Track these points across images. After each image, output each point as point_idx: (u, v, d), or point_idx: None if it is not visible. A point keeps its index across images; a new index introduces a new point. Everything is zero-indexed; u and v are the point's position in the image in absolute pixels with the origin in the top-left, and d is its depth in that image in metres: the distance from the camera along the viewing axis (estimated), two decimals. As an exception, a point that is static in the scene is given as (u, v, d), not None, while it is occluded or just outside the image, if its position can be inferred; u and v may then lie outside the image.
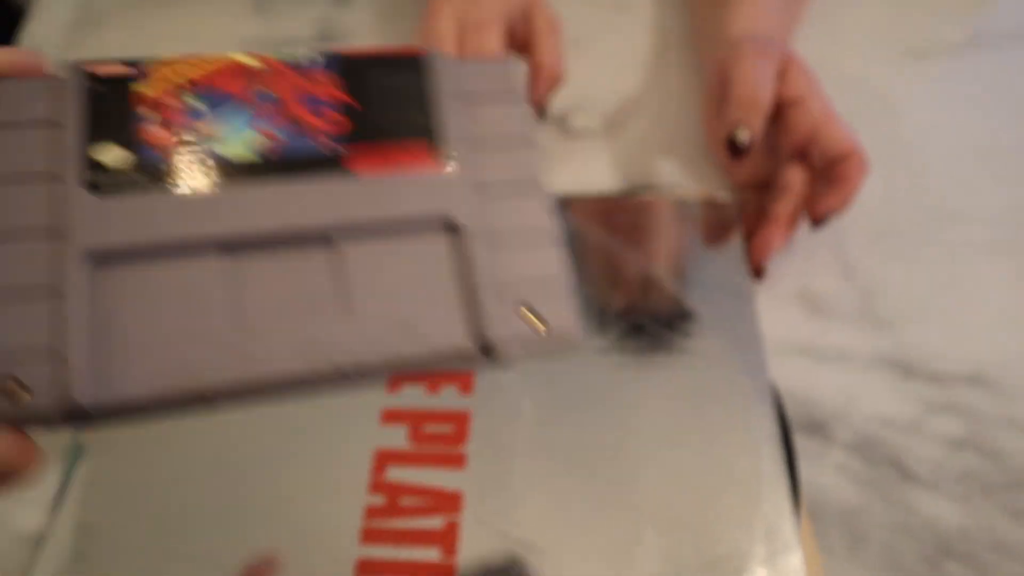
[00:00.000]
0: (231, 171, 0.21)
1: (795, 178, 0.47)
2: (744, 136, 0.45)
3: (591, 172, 0.55)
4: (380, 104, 0.24)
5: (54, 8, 0.68)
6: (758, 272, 0.46)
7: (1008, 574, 0.38)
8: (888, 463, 0.41)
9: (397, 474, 0.38)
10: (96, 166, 0.21)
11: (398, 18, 0.66)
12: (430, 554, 0.35)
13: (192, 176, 0.21)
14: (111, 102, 0.21)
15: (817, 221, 0.46)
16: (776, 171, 0.49)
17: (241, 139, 0.22)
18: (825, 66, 0.58)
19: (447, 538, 0.36)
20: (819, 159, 0.46)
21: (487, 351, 0.22)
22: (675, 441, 0.38)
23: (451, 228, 0.23)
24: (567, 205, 0.48)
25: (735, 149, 0.45)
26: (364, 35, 0.66)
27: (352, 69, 0.24)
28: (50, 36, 0.67)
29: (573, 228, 0.47)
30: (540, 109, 0.53)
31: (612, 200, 0.49)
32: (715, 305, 0.43)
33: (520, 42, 0.52)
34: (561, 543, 0.35)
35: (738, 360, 0.41)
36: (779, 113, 0.48)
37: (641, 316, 0.43)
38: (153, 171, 0.21)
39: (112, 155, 0.21)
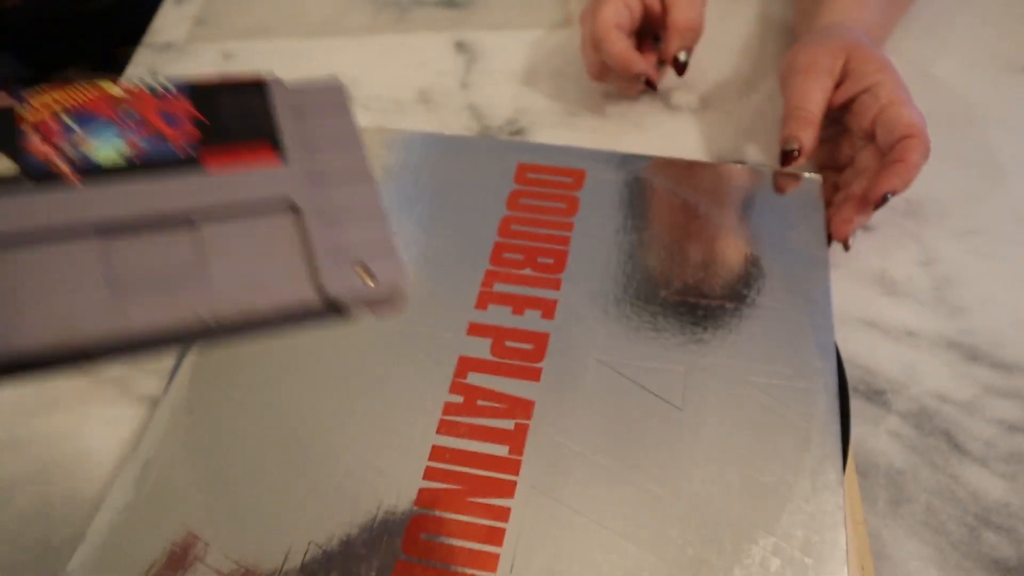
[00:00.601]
0: (103, 172, 0.27)
1: (869, 160, 0.49)
2: (792, 147, 0.50)
3: (685, 144, 0.58)
4: (226, 117, 0.30)
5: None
6: (844, 245, 0.48)
7: (1046, 552, 0.39)
8: (940, 435, 0.43)
9: (477, 379, 0.42)
10: None
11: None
12: (500, 450, 0.39)
13: (70, 177, 0.27)
14: None
15: (875, 202, 0.47)
16: (849, 153, 0.51)
17: (110, 148, 0.28)
18: (923, 74, 0.60)
19: (516, 438, 0.39)
20: (882, 139, 0.48)
21: (328, 304, 0.27)
22: (735, 380, 0.41)
23: (292, 209, 0.28)
24: (654, 165, 0.51)
25: (784, 157, 0.50)
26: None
27: (201, 92, 0.30)
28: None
29: (658, 185, 0.50)
30: (676, 66, 0.57)
31: (699, 164, 0.51)
32: (790, 268, 0.45)
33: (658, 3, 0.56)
34: (614, 452, 0.39)
35: (805, 316, 0.43)
36: (848, 103, 0.50)
37: (715, 270, 0.45)
38: (36, 174, 0.26)
39: (2, 164, 0.26)
